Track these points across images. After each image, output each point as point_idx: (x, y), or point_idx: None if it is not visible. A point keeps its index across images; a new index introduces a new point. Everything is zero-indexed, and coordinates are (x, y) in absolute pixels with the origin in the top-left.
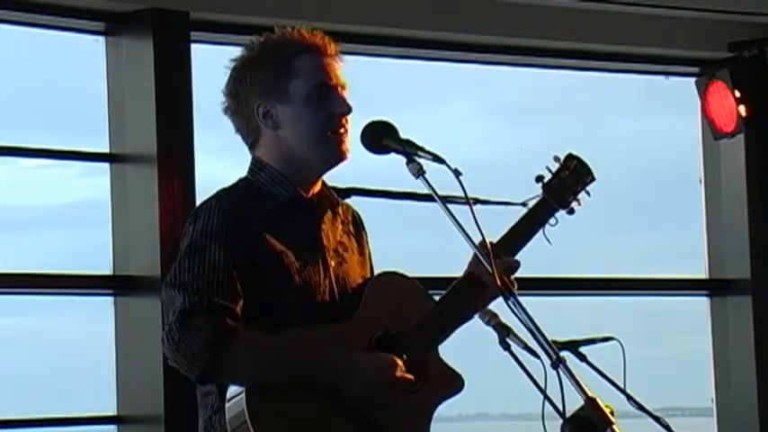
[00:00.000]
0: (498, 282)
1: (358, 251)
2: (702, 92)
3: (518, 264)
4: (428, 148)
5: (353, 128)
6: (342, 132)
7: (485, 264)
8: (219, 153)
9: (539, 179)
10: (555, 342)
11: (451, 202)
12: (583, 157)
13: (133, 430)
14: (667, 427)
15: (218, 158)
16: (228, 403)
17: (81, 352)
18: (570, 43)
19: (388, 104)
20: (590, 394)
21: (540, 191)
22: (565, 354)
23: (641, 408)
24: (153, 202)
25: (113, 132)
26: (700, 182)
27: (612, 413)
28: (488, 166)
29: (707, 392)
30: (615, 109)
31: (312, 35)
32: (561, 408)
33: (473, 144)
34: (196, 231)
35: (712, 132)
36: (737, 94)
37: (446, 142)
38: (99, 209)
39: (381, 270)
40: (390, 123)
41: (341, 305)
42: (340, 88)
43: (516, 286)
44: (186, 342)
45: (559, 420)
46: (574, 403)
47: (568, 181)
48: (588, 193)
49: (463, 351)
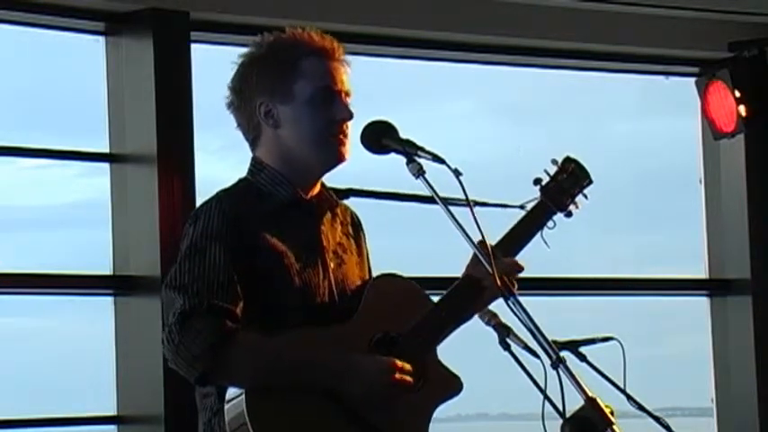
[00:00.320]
0: (498, 282)
1: (357, 252)
2: (702, 92)
3: (517, 264)
4: (428, 148)
5: (354, 128)
6: (342, 138)
7: (485, 264)
8: (219, 153)
9: (537, 182)
10: (555, 342)
11: (451, 204)
12: (580, 160)
13: (133, 430)
14: (667, 427)
15: (218, 158)
16: (228, 405)
17: (81, 352)
18: (570, 43)
19: (388, 104)
20: (590, 394)
21: (538, 194)
22: (565, 354)
23: (641, 408)
24: (153, 202)
25: (113, 132)
26: (700, 182)
27: (612, 413)
28: (488, 166)
29: (707, 392)
30: (615, 109)
31: (322, 38)
32: (561, 408)
33: (473, 144)
34: (196, 232)
35: (712, 132)
36: (737, 94)
37: (446, 142)
38: (99, 209)
39: (380, 271)
40: (390, 123)
41: (340, 307)
42: (344, 94)
43: (516, 286)
44: (186, 344)
45: (559, 420)
46: (574, 403)
47: (566, 184)
48: (586, 197)
49: (463, 351)
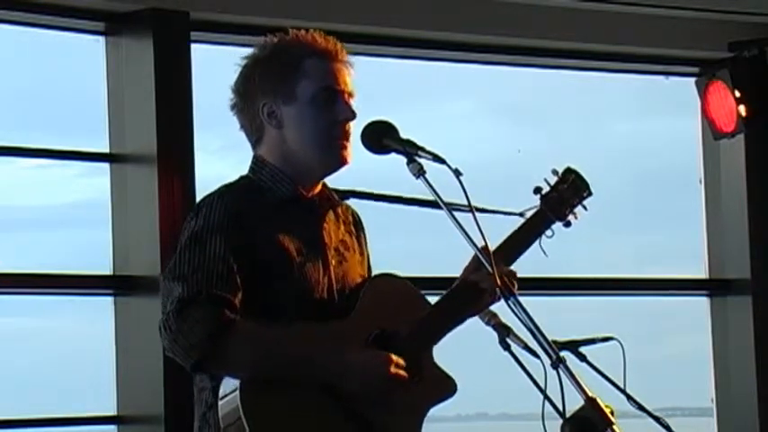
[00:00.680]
0: (498, 281)
1: (358, 251)
2: (702, 92)
3: (514, 275)
4: (428, 148)
5: (354, 128)
6: (344, 139)
7: (485, 264)
8: (219, 153)
9: (537, 191)
10: (555, 342)
11: (452, 209)
12: (581, 171)
13: (133, 430)
14: (667, 427)
15: (218, 158)
16: (222, 401)
17: (81, 352)
18: (570, 43)
19: (388, 104)
20: (590, 394)
21: (538, 201)
22: (565, 354)
23: (641, 408)
24: (153, 202)
25: (113, 132)
26: (700, 182)
27: (612, 413)
28: (488, 167)
29: (707, 392)
30: (615, 109)
31: (325, 40)
32: (561, 408)
33: (473, 144)
34: (197, 224)
35: (712, 132)
36: (737, 94)
37: (446, 142)
38: (99, 209)
39: (379, 271)
40: (391, 123)
41: (339, 304)
42: (347, 95)
43: (516, 286)
44: (184, 332)
45: (559, 420)
46: (574, 403)
47: (566, 194)
48: (585, 208)
49: (463, 351)
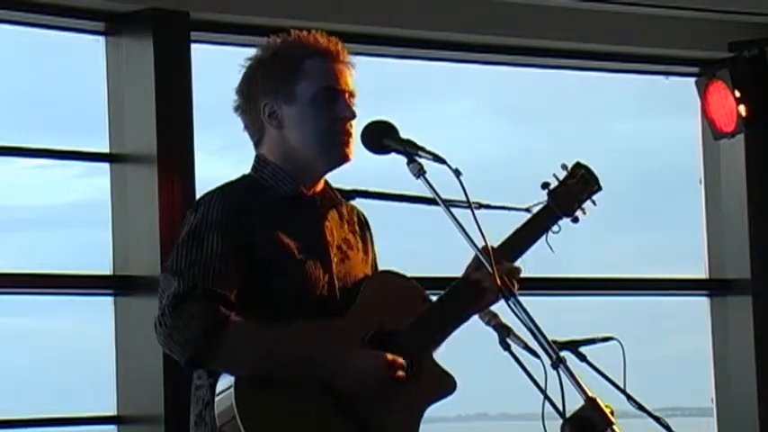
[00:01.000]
0: (499, 281)
1: (362, 249)
2: (702, 92)
3: (519, 271)
4: (429, 148)
5: (355, 128)
6: (346, 137)
7: (486, 264)
8: (219, 153)
9: (545, 186)
10: (555, 342)
11: (454, 206)
12: (590, 166)
13: (133, 430)
14: (667, 427)
15: (218, 158)
16: (217, 398)
17: (81, 352)
18: (570, 43)
19: (388, 104)
20: (590, 394)
21: (545, 197)
22: (565, 354)
23: (641, 408)
24: (153, 202)
25: (113, 132)
26: (700, 182)
27: (612, 413)
28: (488, 166)
29: (707, 392)
30: (615, 109)
31: (326, 40)
32: (561, 408)
33: (473, 144)
34: (196, 220)
35: (712, 132)
36: (737, 94)
37: (446, 142)
38: (99, 209)
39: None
40: (391, 123)
41: (340, 301)
42: (348, 95)
43: (517, 286)
44: (179, 327)
45: (559, 420)
46: (574, 403)
47: (575, 189)
48: (594, 203)
49: (464, 351)
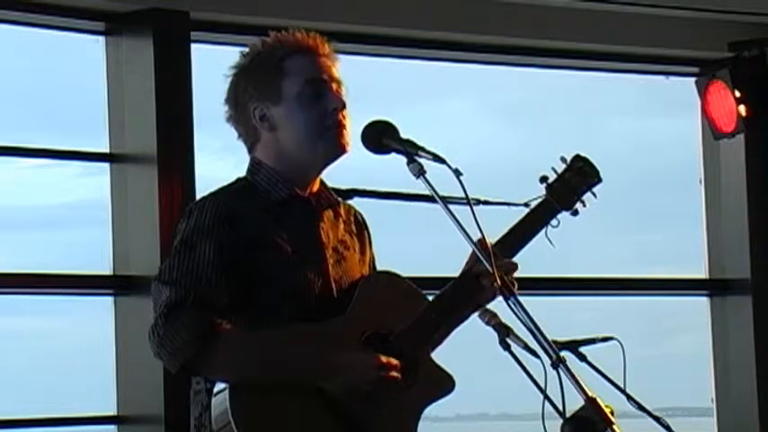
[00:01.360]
0: (498, 281)
1: (359, 250)
2: (702, 92)
3: (516, 266)
4: (429, 148)
5: (354, 127)
6: (339, 127)
7: (485, 264)
8: (219, 153)
9: (543, 180)
10: (555, 342)
11: (453, 203)
12: (590, 158)
13: (133, 430)
14: (667, 427)
15: (218, 158)
16: (214, 400)
17: (81, 352)
18: (570, 43)
19: (389, 104)
20: (590, 394)
21: (543, 192)
22: (565, 354)
23: (641, 408)
24: (153, 202)
25: (113, 132)
26: (700, 182)
27: (612, 413)
28: (488, 166)
29: (707, 392)
30: (615, 109)
31: (305, 36)
32: (561, 408)
33: (473, 144)
34: (188, 228)
35: (712, 132)
36: (737, 94)
37: (446, 142)
38: (99, 209)
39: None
40: (391, 123)
41: (337, 303)
42: (334, 84)
43: (516, 286)
44: (170, 336)
45: (559, 420)
46: (574, 403)
47: (573, 182)
48: (594, 195)
49: (464, 351)
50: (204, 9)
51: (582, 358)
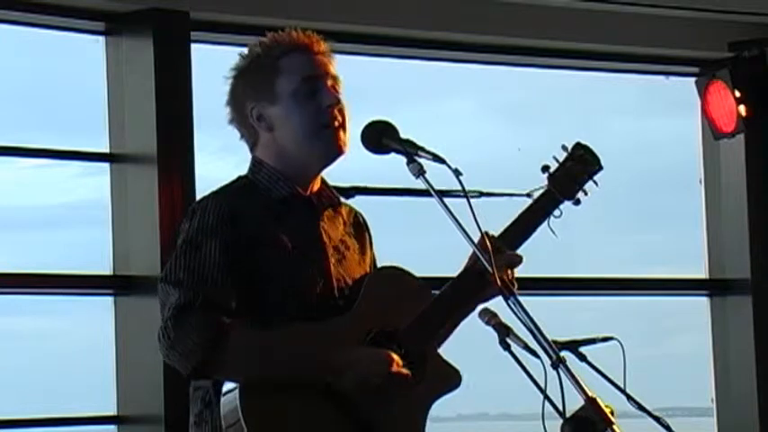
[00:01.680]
0: (498, 282)
1: (359, 250)
2: (702, 92)
3: (520, 258)
4: (428, 148)
5: (354, 128)
6: (335, 126)
7: (484, 264)
8: (219, 153)
9: (544, 169)
10: (555, 342)
11: (454, 196)
12: (591, 146)
13: (133, 430)
14: (667, 427)
15: (217, 158)
16: (223, 398)
17: (81, 352)
18: (570, 43)
19: (389, 104)
20: (590, 394)
21: (545, 182)
22: (565, 354)
23: (641, 408)
24: (153, 202)
25: (113, 132)
26: (700, 182)
27: (612, 413)
28: (488, 166)
29: (707, 392)
30: (615, 109)
31: (300, 34)
32: (561, 408)
33: (473, 144)
34: (192, 228)
35: (712, 132)
36: (737, 94)
37: (446, 142)
38: (99, 209)
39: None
40: (390, 123)
41: (339, 301)
42: (330, 80)
43: (516, 286)
44: (180, 339)
45: (559, 420)
46: (574, 403)
47: (574, 170)
48: (596, 183)
49: (463, 351)
50: (204, 9)
51: (582, 358)
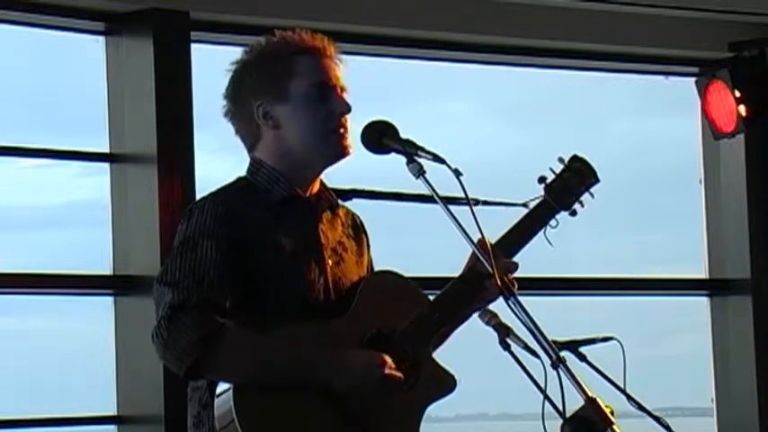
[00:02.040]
0: (498, 282)
1: (357, 252)
2: (702, 92)
3: (516, 266)
4: (428, 148)
5: (354, 127)
6: (342, 132)
7: (485, 264)
8: (219, 153)
9: (541, 180)
10: (555, 342)
11: (453, 203)
12: (587, 159)
13: (133, 430)
14: (667, 427)
15: (217, 158)
16: (217, 400)
17: (81, 352)
18: (570, 43)
19: (388, 104)
20: (590, 394)
21: (542, 192)
22: (565, 354)
23: (641, 408)
24: (153, 202)
25: (113, 132)
26: (700, 182)
27: (612, 413)
28: (488, 166)
29: (707, 392)
30: (615, 109)
31: (312, 37)
32: (561, 408)
33: (473, 144)
34: (189, 228)
35: (712, 132)
36: (737, 94)
37: (446, 142)
38: (99, 209)
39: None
40: (390, 123)
41: (336, 304)
42: (339, 89)
43: (516, 286)
44: (174, 338)
45: (559, 420)
46: (574, 403)
47: (571, 182)
48: (592, 195)
49: (463, 351)
50: (204, 9)
51: (582, 358)
